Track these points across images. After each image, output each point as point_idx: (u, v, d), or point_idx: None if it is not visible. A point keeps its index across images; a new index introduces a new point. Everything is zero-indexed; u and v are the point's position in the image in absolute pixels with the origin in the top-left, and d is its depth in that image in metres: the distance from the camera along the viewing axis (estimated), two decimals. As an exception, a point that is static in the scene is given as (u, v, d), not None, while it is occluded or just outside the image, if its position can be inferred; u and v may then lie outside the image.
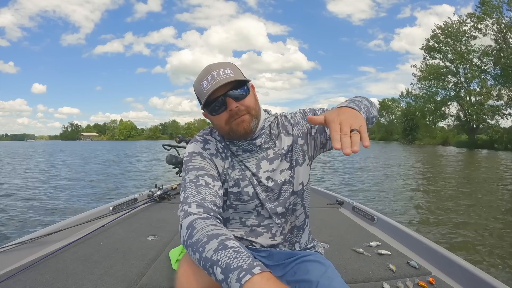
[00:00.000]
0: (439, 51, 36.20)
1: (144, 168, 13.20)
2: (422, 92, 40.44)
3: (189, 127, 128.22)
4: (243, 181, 0.94)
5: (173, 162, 3.30)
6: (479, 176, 10.28)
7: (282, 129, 0.99)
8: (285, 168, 0.97)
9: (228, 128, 0.88)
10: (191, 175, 0.87)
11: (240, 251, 0.64)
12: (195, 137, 0.99)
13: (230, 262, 0.62)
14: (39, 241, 1.86)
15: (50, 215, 5.02)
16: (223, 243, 0.66)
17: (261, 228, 0.97)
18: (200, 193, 0.83)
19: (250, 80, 0.90)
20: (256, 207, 0.96)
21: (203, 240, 0.69)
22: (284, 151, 0.97)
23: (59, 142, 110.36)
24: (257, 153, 0.96)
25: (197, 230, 0.72)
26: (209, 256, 0.65)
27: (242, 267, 0.60)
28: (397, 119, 63.35)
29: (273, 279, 0.59)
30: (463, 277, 1.46)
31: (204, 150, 0.94)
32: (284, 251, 0.99)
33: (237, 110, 0.86)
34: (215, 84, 0.83)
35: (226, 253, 0.64)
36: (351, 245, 1.99)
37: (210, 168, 0.91)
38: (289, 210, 0.99)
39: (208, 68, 0.87)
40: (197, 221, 0.74)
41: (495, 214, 4.80)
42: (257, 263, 0.62)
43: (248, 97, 0.88)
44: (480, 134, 32.99)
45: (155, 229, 2.32)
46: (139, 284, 1.51)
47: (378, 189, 7.29)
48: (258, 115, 0.91)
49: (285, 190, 0.97)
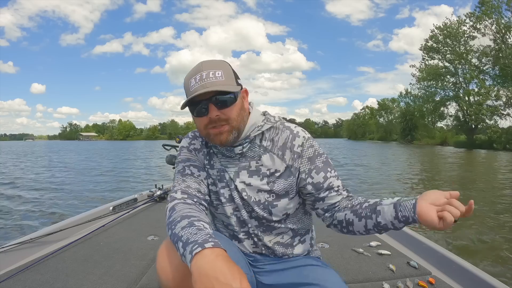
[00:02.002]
0: (438, 51, 36.28)
1: (144, 168, 13.17)
2: (421, 92, 40.64)
3: (188, 127, 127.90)
4: (221, 182, 0.93)
5: (173, 162, 3.28)
6: (478, 176, 10.30)
7: (275, 149, 0.89)
8: (264, 190, 0.89)
9: (206, 133, 0.86)
10: (179, 167, 0.93)
11: (203, 229, 0.68)
12: (187, 134, 1.01)
13: (190, 237, 0.66)
14: (39, 241, 1.86)
15: (50, 215, 5.01)
16: (192, 222, 0.71)
17: (242, 234, 0.94)
18: (185, 181, 0.89)
19: (238, 91, 0.84)
20: (234, 211, 0.93)
21: (177, 219, 0.74)
22: (268, 172, 0.88)
23: (58, 142, 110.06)
24: (239, 160, 0.91)
25: (176, 211, 0.77)
26: (177, 232, 0.70)
27: (197, 241, 0.63)
28: (396, 119, 63.35)
29: (222, 256, 0.61)
30: (463, 277, 1.46)
31: (189, 145, 0.97)
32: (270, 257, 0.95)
33: (216, 119, 0.81)
34: (201, 87, 0.79)
35: (190, 230, 0.68)
36: (351, 245, 1.99)
37: (195, 160, 0.95)
38: (264, 227, 0.93)
39: (200, 66, 0.83)
40: (179, 205, 0.80)
41: (495, 214, 4.81)
42: (213, 239, 0.64)
43: (233, 107, 0.82)
44: (478, 134, 33.03)
45: (155, 229, 2.32)
46: (139, 284, 1.51)
47: (378, 189, 7.30)
48: (240, 126, 0.85)
49: (259, 211, 0.90)
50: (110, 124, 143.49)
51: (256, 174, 0.89)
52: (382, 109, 77.97)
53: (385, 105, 76.15)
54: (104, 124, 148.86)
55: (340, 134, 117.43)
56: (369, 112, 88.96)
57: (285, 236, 0.95)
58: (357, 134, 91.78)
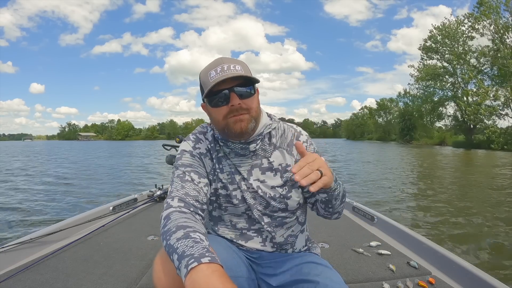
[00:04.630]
0: (437, 51, 36.32)
1: (144, 168, 13.16)
2: (420, 92, 40.63)
3: (186, 127, 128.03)
4: (232, 185, 0.93)
5: (173, 162, 3.29)
6: (477, 176, 10.32)
7: (285, 145, 0.96)
8: (278, 185, 0.93)
9: (225, 123, 0.86)
10: (179, 171, 0.90)
11: (199, 242, 0.66)
12: (188, 136, 0.99)
13: (185, 250, 0.64)
14: (39, 241, 1.86)
15: (50, 215, 4.99)
16: (188, 233, 0.69)
17: (251, 232, 0.96)
18: (184, 187, 0.85)
19: (259, 81, 0.88)
20: (246, 210, 0.94)
21: (172, 229, 0.72)
22: (280, 167, 0.94)
23: (56, 142, 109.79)
24: (251, 159, 0.93)
25: (171, 221, 0.75)
26: (172, 244, 0.68)
27: (194, 255, 0.62)
28: (395, 119, 63.46)
29: (219, 272, 0.59)
30: (463, 277, 1.47)
31: (194, 149, 0.95)
32: (276, 253, 0.97)
33: (238, 107, 0.84)
34: (223, 76, 0.82)
35: (185, 242, 0.66)
36: (351, 245, 2.00)
37: (198, 166, 0.92)
38: (276, 221, 0.96)
39: (220, 60, 0.86)
40: (174, 214, 0.78)
41: (495, 214, 4.82)
42: (210, 254, 0.62)
43: (253, 98, 0.87)
44: (477, 134, 33.10)
45: (155, 229, 2.32)
46: (139, 284, 1.51)
47: (377, 189, 7.31)
48: (257, 118, 0.89)
49: (275, 205, 0.93)
50: (109, 124, 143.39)
51: (269, 170, 0.93)
52: (380, 109, 78.10)
53: (384, 105, 76.28)
54: (103, 124, 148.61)
55: (338, 134, 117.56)
56: (368, 112, 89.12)
57: (294, 228, 0.99)
58: (355, 134, 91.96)
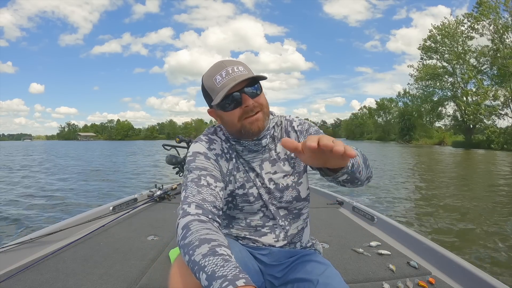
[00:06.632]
0: (436, 51, 36.37)
1: (144, 168, 13.15)
2: (419, 92, 40.71)
3: (186, 127, 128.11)
4: (248, 183, 0.95)
5: (173, 162, 3.30)
6: (477, 175, 10.34)
7: (284, 134, 0.99)
8: (289, 173, 0.96)
9: (240, 125, 0.87)
10: (193, 175, 0.85)
11: (229, 260, 0.62)
12: (199, 137, 0.97)
13: (216, 270, 0.60)
14: (39, 241, 1.86)
15: (50, 215, 4.98)
16: (214, 249, 0.65)
17: (266, 228, 0.97)
18: (201, 193, 0.81)
19: (267, 78, 0.89)
20: (261, 207, 0.96)
21: (195, 243, 0.67)
22: (286, 156, 0.97)
23: (56, 142, 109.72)
24: (262, 153, 0.96)
25: (192, 232, 0.70)
26: (198, 260, 0.64)
27: (227, 277, 0.57)
28: (394, 119, 63.54)
29: None
30: (463, 277, 1.47)
31: (209, 151, 0.92)
32: (284, 249, 0.99)
33: (252, 107, 0.85)
34: (232, 80, 0.82)
35: (214, 260, 0.62)
36: (351, 245, 2.00)
37: (213, 169, 0.89)
38: (293, 214, 0.99)
39: (222, 63, 0.87)
40: (193, 223, 0.73)
41: (495, 214, 4.82)
42: (243, 275, 0.58)
43: (262, 95, 0.89)
44: (476, 134, 33.14)
45: (155, 229, 2.32)
46: (139, 284, 1.51)
47: (377, 189, 7.30)
48: (269, 114, 0.93)
49: (288, 195, 0.96)
50: (108, 124, 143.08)
51: (277, 161, 0.97)
52: (380, 109, 78.20)
53: (383, 105, 76.38)
54: (102, 124, 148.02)
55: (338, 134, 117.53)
56: (367, 112, 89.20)
57: (303, 220, 1.03)
58: (355, 134, 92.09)
